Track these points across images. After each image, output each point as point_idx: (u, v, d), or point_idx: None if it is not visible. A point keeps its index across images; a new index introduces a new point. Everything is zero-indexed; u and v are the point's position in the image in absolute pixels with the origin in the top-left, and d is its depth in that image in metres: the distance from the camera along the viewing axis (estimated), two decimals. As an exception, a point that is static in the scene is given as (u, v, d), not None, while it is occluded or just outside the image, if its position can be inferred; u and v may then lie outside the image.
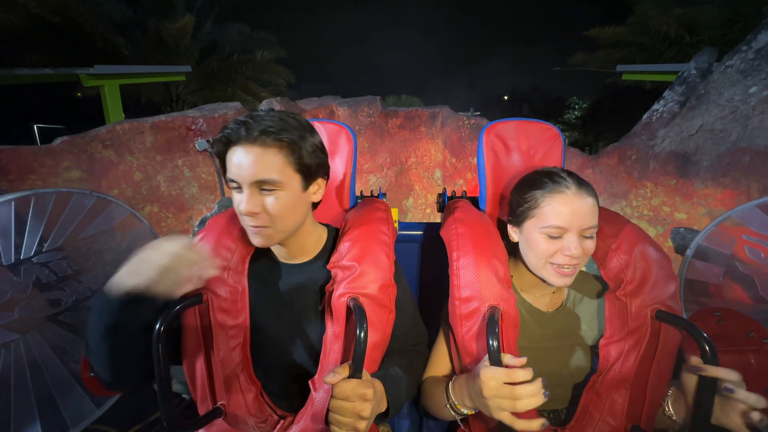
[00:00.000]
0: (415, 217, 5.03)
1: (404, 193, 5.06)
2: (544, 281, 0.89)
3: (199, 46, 10.28)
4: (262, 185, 0.78)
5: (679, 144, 3.41)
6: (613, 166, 3.78)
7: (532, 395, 0.68)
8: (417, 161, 4.83)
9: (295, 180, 0.81)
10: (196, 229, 3.93)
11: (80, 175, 3.71)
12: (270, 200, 0.79)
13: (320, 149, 0.86)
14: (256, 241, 0.83)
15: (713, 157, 3.20)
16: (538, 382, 0.69)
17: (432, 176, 4.86)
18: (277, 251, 0.95)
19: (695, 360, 0.73)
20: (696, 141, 3.31)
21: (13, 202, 1.09)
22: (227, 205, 4.13)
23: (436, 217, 5.32)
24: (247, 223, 0.82)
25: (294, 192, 0.82)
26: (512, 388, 0.69)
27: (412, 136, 4.74)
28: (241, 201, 0.79)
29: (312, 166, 0.83)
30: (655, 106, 3.67)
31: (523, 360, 0.71)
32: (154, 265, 0.70)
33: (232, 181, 0.79)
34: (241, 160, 0.77)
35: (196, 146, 4.18)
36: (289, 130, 0.79)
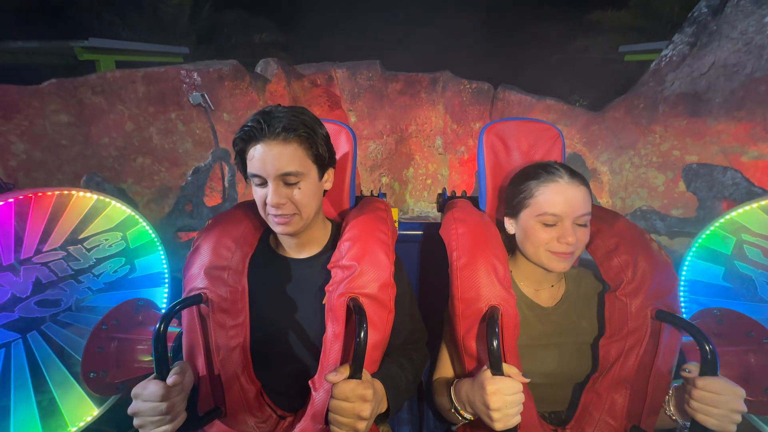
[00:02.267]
0: (416, 187, 4.98)
1: (404, 162, 5.01)
2: (543, 268, 0.91)
3: (196, 29, 10.17)
4: (286, 178, 0.83)
5: (689, 84, 3.34)
6: (619, 119, 3.73)
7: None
8: (417, 129, 4.76)
9: (313, 170, 0.88)
10: (189, 178, 3.84)
11: (68, 119, 3.61)
12: (295, 191, 0.85)
13: (328, 140, 0.92)
14: (280, 229, 0.88)
15: (726, 92, 3.14)
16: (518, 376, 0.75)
17: (433, 144, 4.81)
18: (287, 242, 0.97)
19: (692, 367, 0.75)
20: (708, 79, 3.25)
21: (13, 202, 1.10)
22: (221, 156, 4.01)
23: (437, 188, 5.28)
24: (271, 213, 0.86)
25: (313, 181, 0.88)
26: (519, 398, 0.72)
27: (412, 102, 4.67)
28: (266, 194, 0.84)
29: (325, 156, 0.90)
30: (664, 52, 3.60)
31: (527, 380, 0.76)
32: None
33: (256, 176, 0.84)
34: (265, 155, 0.82)
35: (190, 100, 4.06)
36: (305, 124, 0.84)
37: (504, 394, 0.71)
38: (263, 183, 0.85)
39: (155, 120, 4.05)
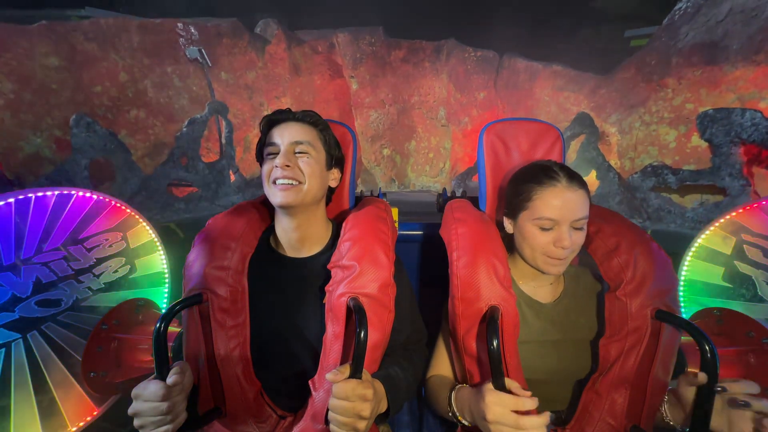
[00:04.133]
0: (418, 161, 4.99)
1: (406, 135, 5.00)
2: (539, 270, 0.92)
3: (197, 8, 10.12)
4: (297, 146, 0.92)
5: (705, 34, 3.33)
6: (629, 79, 3.72)
7: (537, 428, 0.69)
8: (420, 100, 4.74)
9: (322, 154, 0.97)
10: (184, 129, 3.80)
11: (59, 63, 3.57)
12: (302, 160, 0.92)
13: (339, 143, 1.05)
14: (281, 197, 0.90)
15: (744, 38, 3.13)
16: (545, 416, 0.71)
17: (435, 116, 4.80)
18: (287, 237, 0.98)
19: (701, 376, 0.74)
20: (724, 27, 3.23)
21: (13, 203, 1.10)
22: (218, 109, 3.95)
23: (439, 161, 5.21)
24: (276, 177, 0.90)
25: (320, 163, 0.96)
26: (517, 417, 0.71)
27: (415, 72, 4.61)
28: (276, 158, 0.91)
29: (334, 153, 1.01)
30: (678, 5, 3.58)
31: (528, 393, 0.74)
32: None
33: (272, 144, 0.93)
34: (283, 129, 0.94)
35: (187, 54, 4.01)
36: (320, 119, 1.00)
37: (503, 407, 0.71)
38: (276, 153, 0.92)
39: (150, 72, 3.97)
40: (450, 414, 0.87)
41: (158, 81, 4.02)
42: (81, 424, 1.20)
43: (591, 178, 3.78)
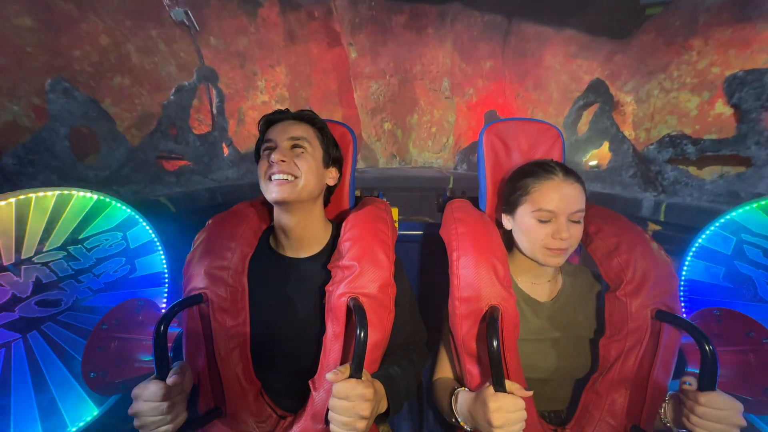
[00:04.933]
0: (420, 136, 4.87)
1: (408, 108, 4.78)
2: (538, 263, 0.94)
3: None
4: (294, 142, 0.94)
5: None
6: (649, 42, 3.58)
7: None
8: (423, 69, 4.52)
9: (318, 151, 0.99)
10: (171, 97, 3.66)
11: (32, 24, 3.34)
12: (298, 155, 0.94)
13: (336, 143, 1.06)
14: (277, 192, 0.91)
15: None
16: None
17: (439, 88, 4.62)
18: (286, 236, 1.00)
19: (685, 386, 0.77)
20: None
21: (13, 203, 1.10)
22: (207, 75, 3.81)
23: (442, 136, 5.00)
24: (272, 172, 0.91)
25: (316, 159, 0.97)
26: (521, 415, 0.73)
27: (418, 40, 4.37)
28: (273, 153, 0.92)
29: (332, 152, 1.03)
30: None
31: (530, 393, 0.77)
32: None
33: (269, 140, 0.95)
34: (281, 127, 0.96)
35: (172, 16, 3.86)
36: (317, 118, 1.02)
37: (506, 412, 0.74)
38: (272, 148, 0.94)
39: (133, 36, 3.75)
40: (454, 421, 0.89)
41: (142, 45, 3.79)
42: (81, 424, 1.21)
43: (603, 150, 3.67)
